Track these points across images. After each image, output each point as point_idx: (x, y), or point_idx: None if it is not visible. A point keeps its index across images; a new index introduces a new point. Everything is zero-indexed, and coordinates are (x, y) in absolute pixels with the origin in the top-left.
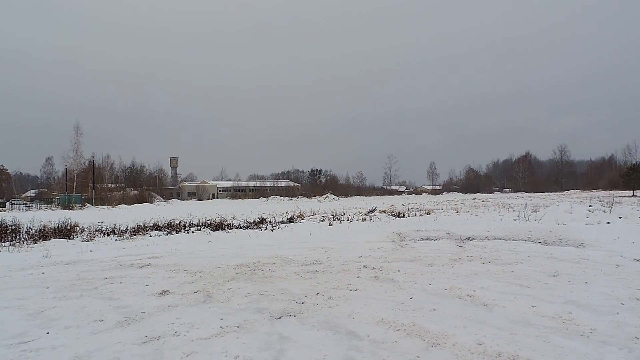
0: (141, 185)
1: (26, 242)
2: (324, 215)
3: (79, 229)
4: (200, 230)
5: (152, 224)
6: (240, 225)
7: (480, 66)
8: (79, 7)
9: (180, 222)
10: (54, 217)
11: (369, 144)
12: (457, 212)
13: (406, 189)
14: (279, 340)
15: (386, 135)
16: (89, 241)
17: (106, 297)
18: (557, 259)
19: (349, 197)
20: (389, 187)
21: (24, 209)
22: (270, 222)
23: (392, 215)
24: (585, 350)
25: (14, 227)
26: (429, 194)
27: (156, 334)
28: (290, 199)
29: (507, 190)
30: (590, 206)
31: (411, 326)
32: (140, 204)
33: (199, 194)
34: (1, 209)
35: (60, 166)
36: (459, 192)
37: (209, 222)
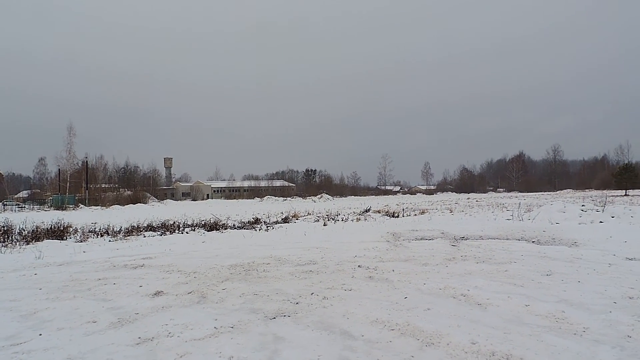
0: (135, 185)
1: (19, 243)
2: (319, 215)
3: (72, 229)
4: (194, 230)
5: (146, 225)
6: (234, 225)
7: (474, 67)
8: (71, 5)
9: (174, 222)
10: (46, 218)
11: (364, 144)
12: (452, 212)
13: (401, 189)
14: (274, 340)
15: (381, 135)
16: (82, 242)
17: (99, 298)
18: (551, 258)
19: (344, 197)
20: (383, 187)
21: (17, 209)
22: (264, 222)
23: (387, 215)
24: (578, 348)
25: (6, 228)
26: (424, 194)
27: (150, 335)
28: (284, 199)
29: (501, 190)
30: (583, 206)
31: (405, 326)
32: (134, 204)
33: (193, 194)
34: None
35: (53, 167)
36: (453, 192)
37: (203, 222)
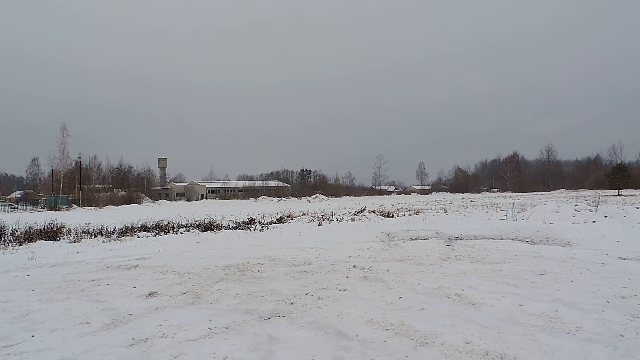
0: (129, 186)
1: (11, 244)
2: (314, 215)
3: (65, 230)
4: (188, 231)
5: (140, 225)
6: (229, 226)
7: (469, 67)
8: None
9: (168, 223)
10: (40, 218)
11: (359, 144)
12: (446, 212)
13: (395, 189)
14: (268, 341)
15: (375, 135)
16: (75, 243)
17: (93, 299)
18: (544, 257)
19: (339, 197)
20: (378, 187)
21: (9, 210)
22: (259, 222)
23: (382, 215)
24: (571, 348)
25: None
26: (418, 194)
27: (144, 336)
28: (279, 199)
29: (495, 190)
30: (576, 205)
31: (400, 326)
32: (128, 204)
33: (187, 194)
34: None
35: (46, 167)
36: (447, 192)
37: (197, 222)
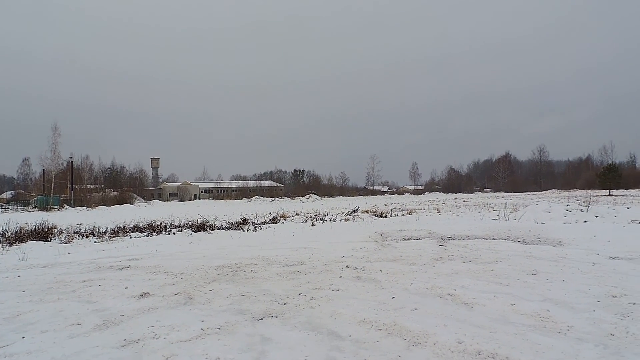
0: (121, 186)
1: (1, 244)
2: (307, 215)
3: (56, 231)
4: (181, 231)
5: (132, 226)
6: (222, 226)
7: (463, 68)
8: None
9: (161, 223)
10: (30, 219)
11: (352, 144)
12: (439, 212)
13: (389, 189)
14: (261, 341)
15: (369, 135)
16: (67, 243)
17: (84, 300)
18: (536, 257)
19: (332, 198)
20: (371, 188)
21: (0, 210)
22: (252, 222)
23: (375, 215)
24: (562, 347)
25: None
26: (411, 194)
27: (135, 337)
28: (273, 199)
29: (488, 190)
30: (568, 205)
31: (393, 325)
32: (120, 205)
33: (180, 194)
34: None
35: (37, 167)
36: (440, 192)
37: (190, 223)
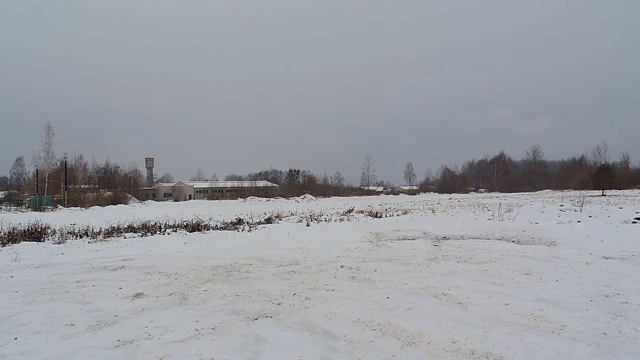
0: (115, 186)
1: None
2: (302, 215)
3: (50, 231)
4: (176, 231)
5: (126, 226)
6: (217, 226)
7: (460, 68)
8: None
9: (155, 223)
10: (24, 219)
11: (348, 144)
12: (434, 212)
13: (384, 189)
14: (255, 341)
15: (364, 136)
16: (60, 244)
17: (78, 301)
18: (530, 257)
19: (327, 198)
20: (366, 188)
21: None
22: (247, 223)
23: (370, 215)
24: (555, 346)
25: None
26: (406, 194)
27: (129, 338)
28: (268, 199)
29: (482, 190)
30: (561, 205)
31: (387, 325)
32: (114, 205)
33: (175, 194)
34: None
35: (30, 167)
36: (435, 192)
37: (185, 223)
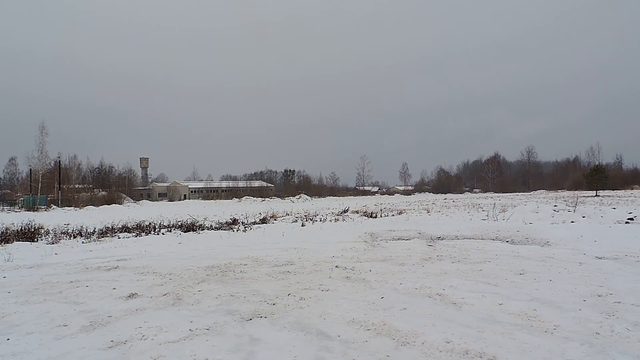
0: (110, 186)
1: None
2: (297, 215)
3: (43, 231)
4: (170, 231)
5: (120, 226)
6: (212, 226)
7: (457, 69)
8: None
9: (150, 223)
10: (17, 219)
11: (343, 144)
12: (429, 212)
13: (379, 190)
14: (249, 342)
15: (359, 136)
16: (54, 244)
17: (71, 301)
18: (524, 257)
19: (322, 198)
20: (362, 188)
21: None
22: (242, 223)
23: (365, 215)
24: (549, 346)
25: None
26: (401, 194)
27: (123, 338)
28: (263, 199)
29: (477, 190)
30: (555, 206)
31: (381, 325)
32: (108, 205)
33: (170, 194)
34: None
35: (24, 166)
36: (430, 192)
37: (179, 223)
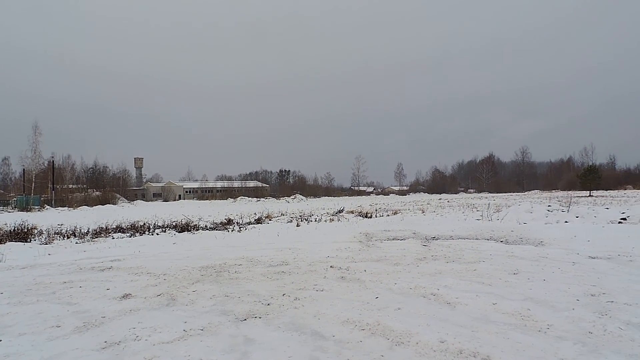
0: (104, 186)
1: None
2: (292, 216)
3: (37, 231)
4: (165, 232)
5: (114, 226)
6: (206, 226)
7: (452, 70)
8: None
9: (144, 223)
10: (10, 219)
11: (338, 144)
12: (423, 212)
13: (374, 190)
14: (244, 342)
15: (355, 136)
16: (47, 244)
17: (64, 302)
18: (518, 257)
19: (318, 198)
20: (357, 188)
21: None
22: (237, 223)
23: (360, 215)
24: (542, 345)
25: None
26: (397, 195)
27: (116, 339)
28: (258, 199)
29: (472, 190)
30: (549, 206)
31: (376, 325)
32: (102, 205)
33: (164, 195)
34: None
35: (17, 166)
36: (425, 192)
37: (174, 223)
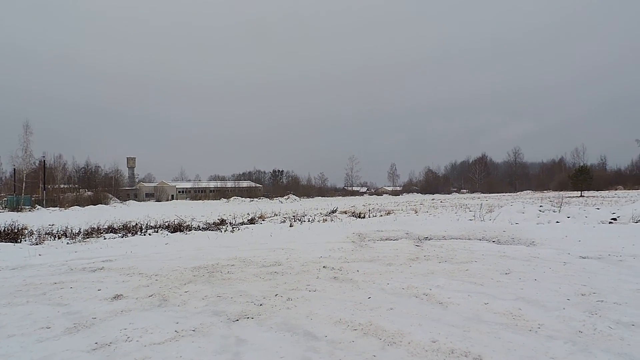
0: (96, 186)
1: None
2: (285, 216)
3: (27, 232)
4: (157, 232)
5: (106, 226)
6: (199, 226)
7: (446, 72)
8: None
9: (136, 224)
10: (0, 219)
11: (331, 145)
12: (416, 213)
13: (367, 190)
14: (236, 343)
15: (348, 136)
16: (38, 245)
17: (55, 303)
18: (510, 257)
19: (311, 198)
20: (350, 188)
21: None
22: (230, 223)
23: (353, 215)
24: (533, 344)
25: None
26: (390, 195)
27: (107, 340)
28: (251, 199)
29: (465, 191)
30: (541, 206)
31: (368, 325)
32: (94, 205)
33: (157, 195)
34: None
35: (8, 166)
36: (418, 192)
37: (167, 223)
